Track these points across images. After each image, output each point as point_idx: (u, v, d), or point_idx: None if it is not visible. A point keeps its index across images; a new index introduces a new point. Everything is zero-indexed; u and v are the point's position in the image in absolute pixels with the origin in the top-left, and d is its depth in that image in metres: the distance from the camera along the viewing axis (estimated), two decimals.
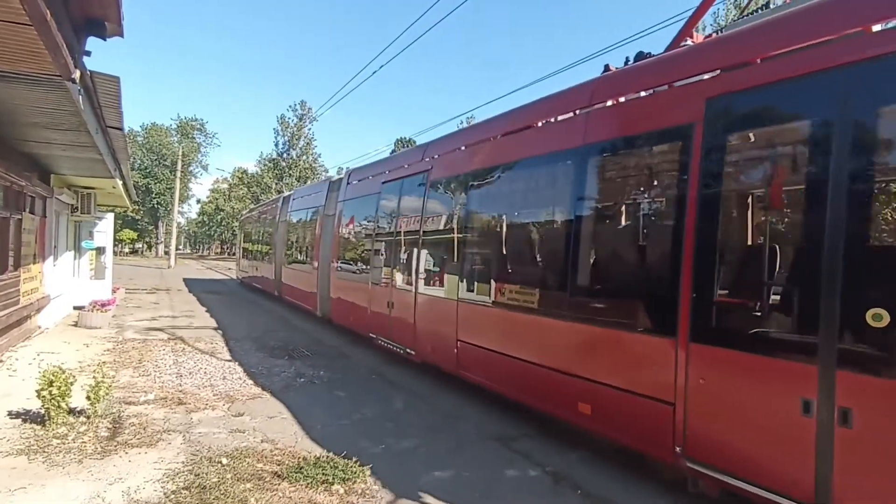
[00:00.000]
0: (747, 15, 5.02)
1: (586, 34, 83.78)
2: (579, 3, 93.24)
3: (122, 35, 3.84)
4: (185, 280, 24.32)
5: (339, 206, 10.84)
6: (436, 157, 7.39)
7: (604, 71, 5.33)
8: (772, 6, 4.78)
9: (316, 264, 12.04)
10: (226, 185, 70.59)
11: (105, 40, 3.86)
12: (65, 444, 4.34)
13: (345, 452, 4.34)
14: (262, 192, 61.72)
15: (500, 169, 6.01)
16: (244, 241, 24.90)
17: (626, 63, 5.17)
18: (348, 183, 10.65)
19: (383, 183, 8.81)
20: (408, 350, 7.44)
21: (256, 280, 19.91)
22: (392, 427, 5.26)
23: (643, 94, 4.33)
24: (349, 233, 10.46)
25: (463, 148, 6.89)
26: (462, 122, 28.71)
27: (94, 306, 10.69)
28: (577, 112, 4.95)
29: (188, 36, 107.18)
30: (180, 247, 75.22)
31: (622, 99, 4.50)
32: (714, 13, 25.82)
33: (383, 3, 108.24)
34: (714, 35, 4.98)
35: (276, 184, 59.80)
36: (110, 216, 13.94)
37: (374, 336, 8.55)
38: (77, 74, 3.80)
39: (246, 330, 10.86)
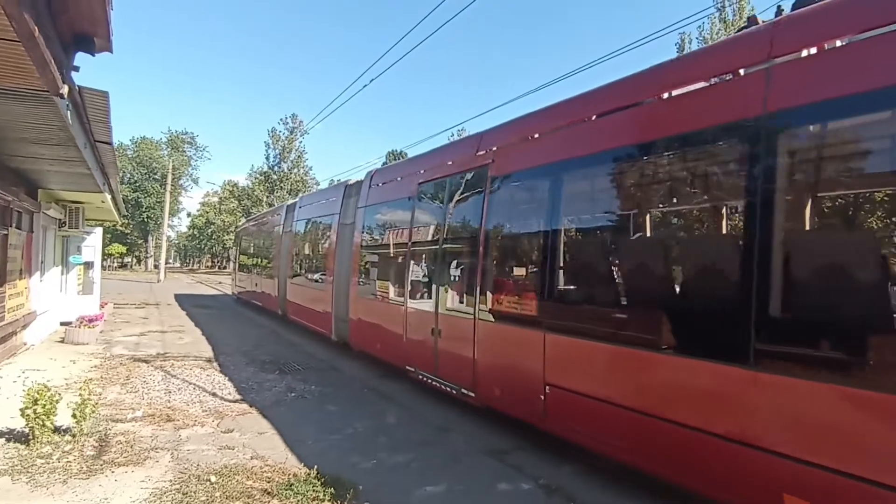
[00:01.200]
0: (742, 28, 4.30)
1: (577, 50, 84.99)
2: (570, 19, 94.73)
3: (110, 51, 3.84)
4: (175, 295, 24.05)
5: (360, 214, 9.35)
6: (498, 147, 5.95)
7: (748, 24, 4.09)
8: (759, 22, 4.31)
9: (331, 280, 10.54)
10: (216, 199, 70.29)
11: (94, 55, 3.86)
12: (49, 463, 4.25)
13: (336, 468, 4.30)
14: (253, 206, 61.49)
15: (615, 156, 4.43)
16: (241, 255, 22.91)
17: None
18: (371, 186, 9.19)
19: (421, 184, 7.42)
20: (463, 390, 6.02)
21: (256, 297, 17.90)
22: (384, 441, 5.21)
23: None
24: (374, 243, 8.96)
25: (546, 132, 5.35)
26: (452, 135, 28.93)
27: (82, 322, 10.54)
28: (746, 70, 3.49)
29: (179, 51, 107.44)
30: (170, 261, 74.60)
31: (840, 43, 3.04)
32: (699, 26, 26.37)
33: (374, 17, 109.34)
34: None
35: (267, 197, 59.62)
36: (98, 231, 13.80)
37: (413, 369, 7.11)
38: (65, 90, 3.79)
39: (236, 344, 10.74)
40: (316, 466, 4.28)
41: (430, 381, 6.70)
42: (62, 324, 11.42)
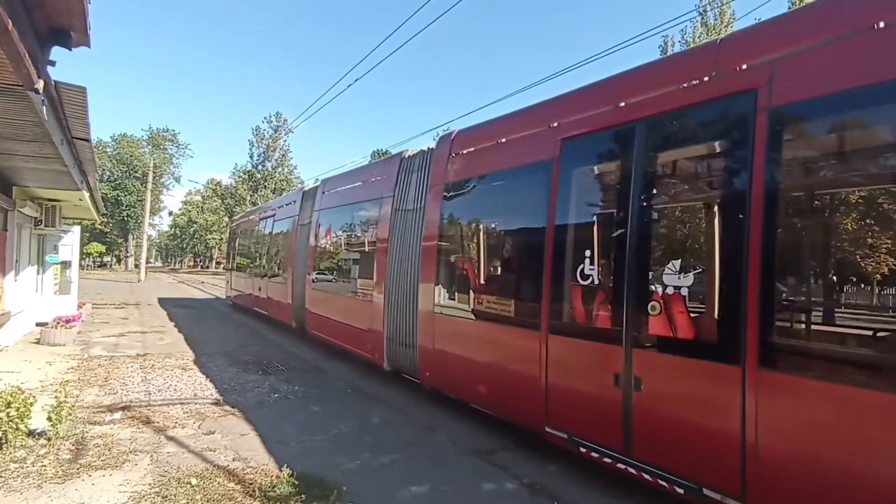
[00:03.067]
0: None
1: (562, 51, 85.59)
2: (553, 21, 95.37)
3: (88, 45, 3.75)
4: (159, 298, 23.65)
5: (434, 195, 6.66)
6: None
7: None
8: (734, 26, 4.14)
9: (379, 290, 7.74)
10: (199, 197, 69.33)
11: (70, 50, 3.75)
12: (23, 468, 4.14)
13: (320, 469, 4.26)
14: (237, 204, 60.81)
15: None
16: (237, 253, 19.62)
17: None
18: (454, 154, 6.47)
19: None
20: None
21: (259, 303, 14.92)
22: (369, 442, 5.18)
23: None
24: (465, 236, 6.40)
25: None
26: (437, 135, 28.90)
27: (58, 322, 10.30)
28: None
29: (161, 48, 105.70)
30: (151, 260, 73.42)
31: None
32: (682, 30, 26.71)
33: (358, 16, 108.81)
34: None
35: (251, 196, 59.03)
36: (76, 229, 13.51)
37: (564, 435, 4.52)
38: (40, 84, 3.69)
39: (218, 345, 10.59)
40: (299, 468, 4.24)
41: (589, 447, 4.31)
42: (38, 324, 11.15)
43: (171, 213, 72.20)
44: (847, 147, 3.34)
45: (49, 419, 4.67)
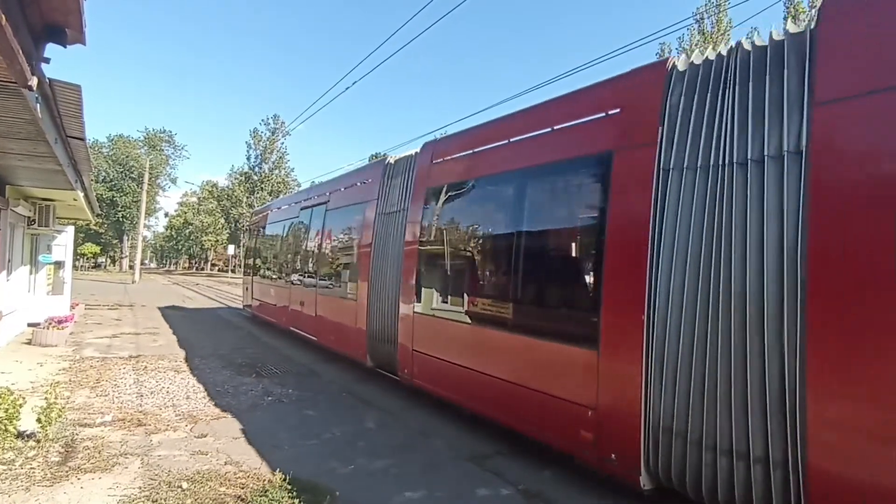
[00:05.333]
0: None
1: (559, 56, 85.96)
2: (553, 24, 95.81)
3: (83, 43, 3.71)
4: (144, 297, 23.49)
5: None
6: None
7: None
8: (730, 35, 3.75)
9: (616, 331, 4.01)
10: (195, 199, 69.09)
11: (65, 47, 3.71)
12: (11, 470, 4.07)
13: (313, 474, 4.21)
14: (233, 206, 60.64)
15: None
16: (263, 254, 15.22)
17: None
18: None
19: None
20: None
21: (301, 322, 10.70)
22: (363, 446, 5.13)
23: None
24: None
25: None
26: (436, 137, 28.89)
27: (51, 323, 10.20)
28: None
29: (158, 48, 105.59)
30: (146, 261, 73.01)
31: None
32: (679, 38, 26.86)
33: (357, 19, 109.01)
34: None
35: (248, 198, 58.89)
36: (70, 229, 13.41)
37: None
38: (34, 81, 3.64)
39: (212, 347, 10.50)
40: (292, 472, 4.19)
41: None
42: (30, 325, 11.03)
43: (166, 215, 71.90)
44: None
45: (39, 421, 4.60)
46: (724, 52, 3.79)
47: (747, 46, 3.63)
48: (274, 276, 13.44)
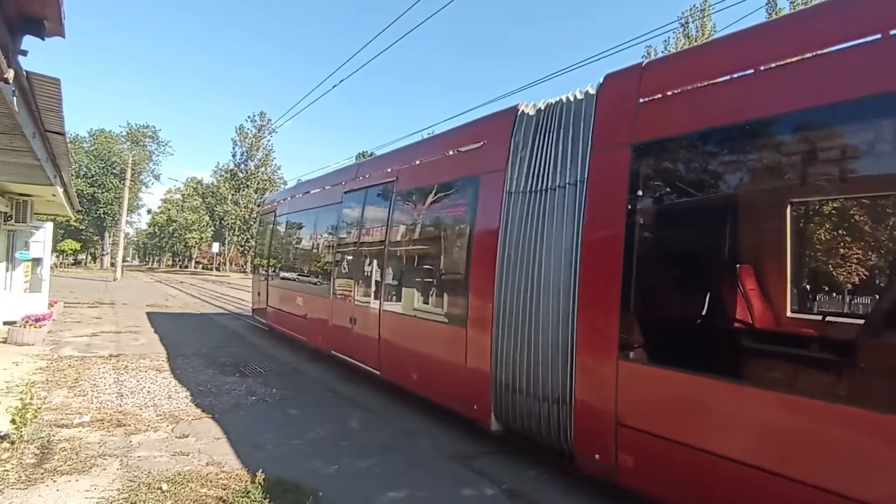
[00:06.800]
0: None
1: (549, 56, 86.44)
2: (541, 24, 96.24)
3: (62, 35, 3.62)
4: (124, 296, 23.11)
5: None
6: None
7: None
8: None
9: None
10: (179, 196, 68.16)
11: (43, 39, 3.62)
12: None
13: (296, 474, 4.17)
14: (218, 203, 59.96)
15: None
16: (284, 252, 12.36)
17: None
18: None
19: None
20: None
21: (347, 345, 7.96)
22: (347, 446, 5.10)
23: None
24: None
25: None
26: (422, 137, 28.84)
27: (28, 321, 9.98)
28: None
29: (142, 43, 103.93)
30: (128, 259, 71.84)
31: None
32: (665, 41, 27.17)
33: (345, 17, 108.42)
34: None
35: (233, 195, 58.27)
36: (49, 225, 13.12)
37: None
38: (10, 74, 3.55)
39: (195, 346, 10.36)
40: (275, 472, 4.14)
41: None
42: (5, 323, 10.78)
43: (149, 212, 70.82)
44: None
45: (13, 422, 4.49)
46: (552, 102, 4.97)
47: (566, 100, 4.81)
48: (302, 281, 10.60)
